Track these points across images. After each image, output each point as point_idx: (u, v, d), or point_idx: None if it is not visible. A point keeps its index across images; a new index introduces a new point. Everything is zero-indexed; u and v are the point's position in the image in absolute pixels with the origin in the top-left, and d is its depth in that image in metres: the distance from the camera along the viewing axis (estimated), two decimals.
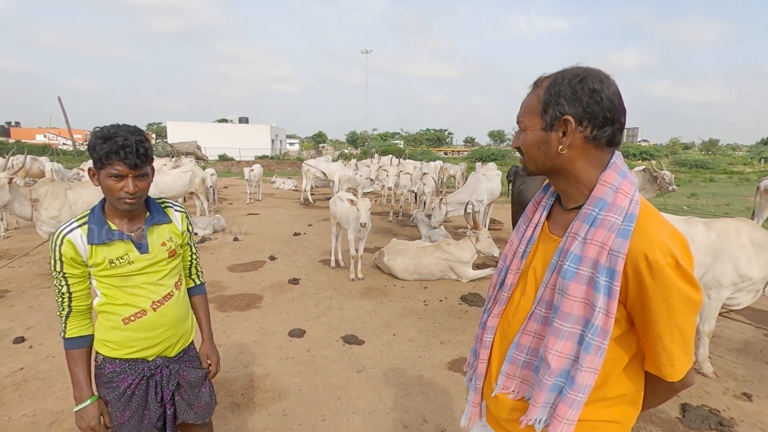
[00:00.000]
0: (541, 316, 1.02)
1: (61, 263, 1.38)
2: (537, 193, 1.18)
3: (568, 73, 0.96)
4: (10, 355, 3.31)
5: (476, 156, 32.17)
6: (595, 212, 0.94)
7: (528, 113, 1.01)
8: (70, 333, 1.43)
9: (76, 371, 1.43)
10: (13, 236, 7.28)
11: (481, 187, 7.18)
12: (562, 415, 0.96)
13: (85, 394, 1.43)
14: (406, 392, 2.93)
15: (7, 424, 2.52)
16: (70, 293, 1.41)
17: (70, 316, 1.43)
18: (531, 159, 1.04)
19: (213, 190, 10.94)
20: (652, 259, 0.87)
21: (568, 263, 0.95)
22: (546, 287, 1.01)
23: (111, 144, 1.31)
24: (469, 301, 4.67)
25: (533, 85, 1.03)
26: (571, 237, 0.97)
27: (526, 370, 1.05)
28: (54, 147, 29.19)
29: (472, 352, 1.26)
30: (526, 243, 1.11)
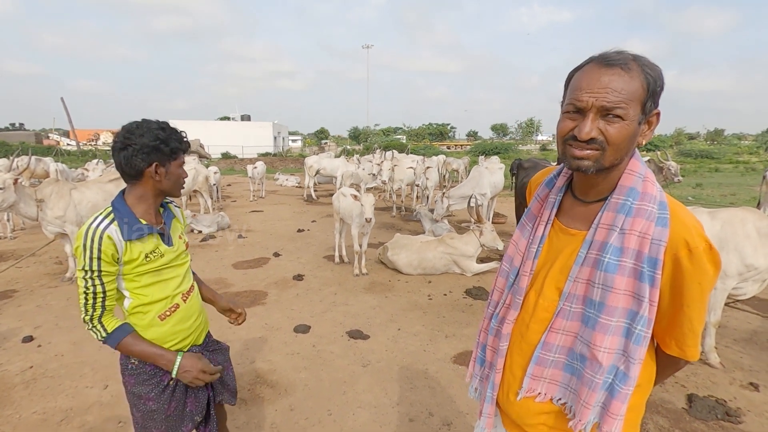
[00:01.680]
0: (572, 312, 0.98)
1: (99, 261, 1.32)
2: (539, 188, 1.12)
3: (651, 63, 0.91)
4: (19, 354, 3.35)
5: (479, 150, 32.00)
6: (629, 202, 0.92)
7: (632, 102, 0.88)
8: (110, 327, 1.39)
9: (143, 349, 1.41)
10: (19, 237, 7.34)
11: (484, 180, 7.16)
12: (615, 411, 0.94)
13: (170, 356, 1.43)
14: (411, 386, 2.94)
15: (17, 422, 2.55)
16: (105, 292, 1.36)
17: (103, 315, 1.38)
18: (616, 153, 0.91)
19: (216, 188, 10.97)
20: (693, 246, 0.88)
21: (609, 256, 0.92)
22: (575, 282, 0.97)
23: (176, 138, 1.46)
24: (473, 294, 4.67)
25: (612, 64, 0.88)
26: (603, 228, 0.94)
27: (555, 370, 1.01)
28: (58, 147, 29.30)
29: (478, 361, 1.21)
30: (537, 242, 1.06)
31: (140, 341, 1.42)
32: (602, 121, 0.89)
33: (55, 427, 2.51)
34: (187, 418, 1.55)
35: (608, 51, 0.91)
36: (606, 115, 0.89)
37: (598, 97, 0.87)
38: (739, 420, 2.58)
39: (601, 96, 0.87)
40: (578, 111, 0.91)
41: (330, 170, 12.30)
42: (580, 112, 0.91)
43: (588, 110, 0.89)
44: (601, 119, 0.89)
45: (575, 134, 0.91)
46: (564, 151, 0.96)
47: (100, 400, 2.74)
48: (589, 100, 0.88)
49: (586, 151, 0.91)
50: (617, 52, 0.90)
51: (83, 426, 2.51)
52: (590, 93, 0.88)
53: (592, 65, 0.91)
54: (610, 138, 0.89)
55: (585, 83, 0.90)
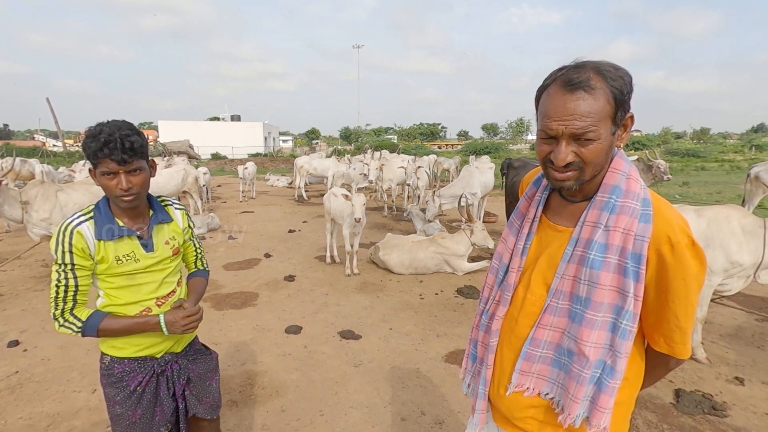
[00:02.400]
0: (559, 309, 1.00)
1: (71, 255, 1.33)
2: (528, 187, 1.15)
3: (618, 69, 0.92)
4: (4, 359, 3.29)
5: (470, 149, 32.13)
6: (613, 199, 0.95)
7: (601, 121, 0.90)
8: (84, 315, 1.38)
9: (125, 324, 1.39)
10: (4, 239, 7.21)
11: (474, 180, 7.20)
12: (603, 405, 0.96)
13: (152, 319, 1.40)
14: (403, 385, 2.94)
15: (3, 428, 2.51)
16: (77, 286, 1.36)
17: (75, 308, 1.38)
18: (595, 168, 0.94)
19: (206, 189, 10.89)
20: (675, 241, 0.90)
21: (594, 252, 0.94)
22: (562, 278, 0.99)
23: (97, 142, 1.27)
24: (464, 293, 4.69)
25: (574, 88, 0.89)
26: (588, 226, 0.97)
27: (543, 365, 1.03)
28: (44, 149, 28.85)
29: (470, 358, 1.23)
30: (525, 239, 1.08)
31: (119, 318, 1.40)
32: (575, 143, 0.92)
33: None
34: (156, 428, 1.51)
35: (569, 67, 0.92)
36: (578, 139, 0.91)
37: (567, 126, 0.90)
38: (725, 414, 2.63)
39: (569, 123, 0.89)
40: (551, 137, 0.94)
41: (321, 170, 12.27)
42: (554, 138, 0.93)
43: (560, 137, 0.92)
44: (574, 142, 0.92)
45: (552, 159, 0.94)
46: (546, 172, 0.99)
47: (88, 404, 2.70)
48: (558, 128, 0.91)
49: (566, 173, 0.94)
50: (577, 67, 0.91)
51: (71, 430, 2.47)
52: (559, 122, 0.91)
53: (556, 89, 0.92)
54: (585, 159, 0.92)
55: (552, 111, 0.92)
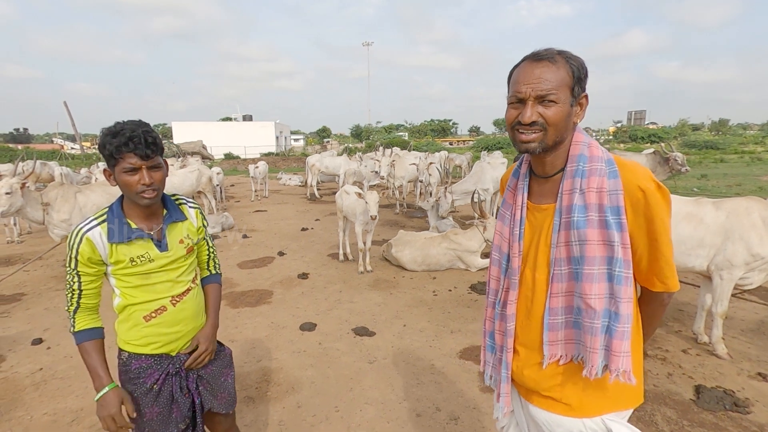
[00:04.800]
0: (563, 274, 1.09)
1: (76, 261, 1.39)
2: (509, 180, 1.26)
3: (574, 55, 1.07)
4: (29, 357, 3.38)
5: (482, 145, 31.92)
6: (581, 166, 1.07)
7: (561, 87, 1.04)
8: (79, 326, 1.43)
9: (90, 361, 1.42)
10: (26, 240, 7.41)
11: (486, 175, 7.15)
12: (617, 349, 1.03)
13: (104, 381, 1.41)
14: (418, 381, 2.95)
15: (29, 423, 2.58)
16: (81, 290, 1.42)
17: (78, 311, 1.44)
18: (556, 132, 1.06)
19: (220, 189, 11.01)
20: (645, 187, 1.03)
21: (576, 215, 1.05)
22: (557, 247, 1.09)
23: (120, 138, 1.31)
24: (478, 290, 4.67)
25: (540, 58, 1.05)
26: (566, 194, 1.08)
27: (567, 330, 1.11)
28: (62, 151, 29.50)
29: (488, 350, 1.29)
30: (518, 225, 1.18)
31: (91, 353, 1.42)
32: (540, 106, 1.04)
33: (66, 427, 2.53)
34: (173, 425, 1.54)
35: (538, 50, 1.08)
36: (542, 101, 1.04)
37: (534, 87, 1.03)
38: (747, 410, 2.57)
39: (536, 85, 1.03)
40: (520, 101, 1.06)
41: (332, 169, 12.31)
42: (522, 102, 1.06)
43: (527, 99, 1.05)
44: (539, 105, 1.04)
45: (519, 119, 1.06)
46: (513, 137, 1.11)
47: None
48: (526, 90, 1.04)
49: (531, 135, 1.06)
50: (545, 50, 1.06)
51: (93, 426, 2.53)
52: (527, 84, 1.04)
53: (526, 62, 1.07)
54: (548, 119, 1.04)
55: (522, 77, 1.06)
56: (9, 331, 3.85)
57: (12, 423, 2.58)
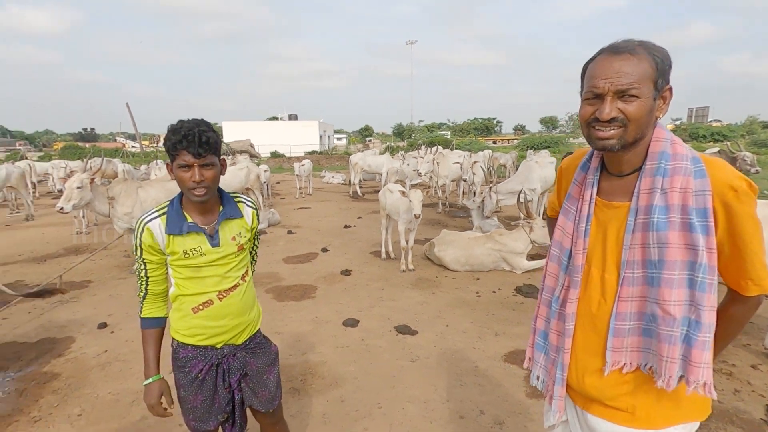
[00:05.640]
0: (635, 278, 1.03)
1: (141, 249, 1.48)
2: (575, 172, 1.18)
3: (656, 46, 1.01)
4: (95, 339, 3.65)
5: (527, 144, 30.88)
6: (662, 164, 1.00)
7: (644, 81, 0.97)
8: (144, 313, 1.54)
9: (146, 350, 1.54)
10: (92, 232, 7.99)
11: (534, 175, 6.93)
12: (697, 360, 0.97)
13: (151, 372, 1.52)
14: (460, 383, 2.91)
15: (95, 401, 2.79)
16: (147, 277, 1.51)
17: (146, 297, 1.54)
18: (638, 128, 1.00)
19: (267, 186, 11.38)
20: (737, 186, 0.96)
21: (656, 216, 0.99)
22: (630, 249, 1.03)
23: (177, 135, 1.37)
24: (524, 292, 4.54)
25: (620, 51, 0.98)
26: (644, 194, 1.01)
27: (633, 337, 1.04)
28: (124, 149, 31.60)
29: (537, 348, 1.25)
30: (585, 221, 1.12)
31: (149, 342, 1.54)
32: (620, 101, 0.98)
33: (127, 407, 2.71)
34: (213, 415, 1.59)
35: (616, 41, 1.02)
36: (622, 96, 0.97)
37: (613, 82, 0.97)
38: None
39: (615, 80, 0.97)
40: (597, 96, 1.00)
41: (375, 167, 12.40)
42: (598, 97, 1.00)
43: (605, 94, 0.98)
44: (619, 100, 0.98)
45: (597, 116, 1.00)
46: (589, 134, 1.04)
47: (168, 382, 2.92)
48: (605, 85, 0.98)
49: (609, 131, 1.00)
50: (624, 41, 1.01)
51: None
52: (605, 79, 0.98)
53: (604, 56, 1.01)
54: (629, 115, 0.98)
55: (599, 71, 1.00)
56: (77, 314, 4.17)
57: (81, 399, 2.80)
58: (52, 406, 2.73)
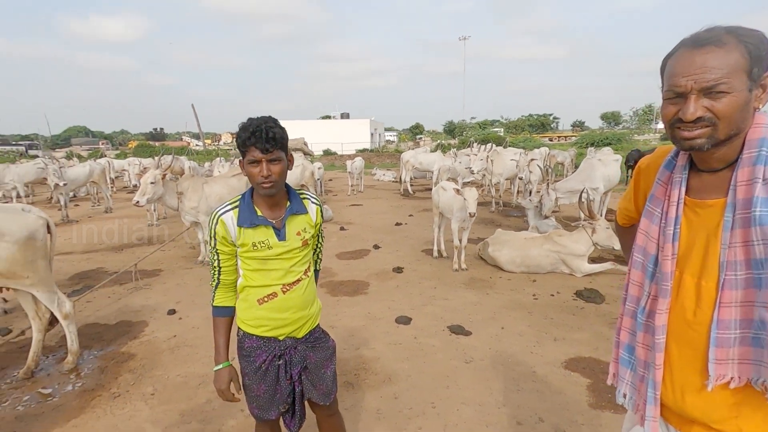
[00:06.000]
0: (738, 280, 0.92)
1: (215, 240, 1.56)
2: (659, 172, 1.08)
3: (748, 30, 0.89)
4: (165, 324, 3.92)
5: (587, 141, 29.30)
6: (763, 152, 0.90)
7: (734, 74, 0.87)
8: (216, 302, 1.62)
9: (216, 336, 1.62)
10: (162, 224, 8.59)
11: (597, 173, 6.56)
12: None
13: (221, 359, 1.60)
14: (517, 388, 2.81)
15: (166, 382, 2.99)
16: (220, 267, 1.59)
17: (218, 287, 1.61)
18: (730, 125, 0.90)
19: (320, 183, 11.67)
20: None
21: (759, 209, 0.88)
22: (730, 248, 0.93)
23: (246, 132, 1.43)
24: (585, 297, 4.31)
25: (702, 43, 0.89)
26: (742, 186, 0.91)
27: (742, 347, 0.93)
28: (189, 148, 33.70)
29: (622, 363, 1.15)
30: (673, 224, 1.01)
31: (219, 329, 1.62)
32: (706, 99, 0.89)
33: (194, 389, 2.88)
34: (275, 405, 1.64)
35: (698, 32, 0.91)
36: (709, 93, 0.88)
37: (697, 79, 0.88)
38: None
39: (699, 77, 0.88)
40: (679, 95, 0.91)
41: (426, 165, 12.31)
42: (681, 96, 0.91)
43: (688, 93, 0.90)
44: (705, 97, 0.89)
45: (680, 117, 0.91)
46: (673, 135, 0.95)
47: None
48: (687, 84, 0.89)
49: (696, 131, 0.91)
50: (707, 30, 0.90)
51: (215, 392, 2.83)
52: (687, 77, 0.89)
53: (684, 50, 0.92)
54: (719, 113, 0.88)
55: (679, 68, 0.91)
56: (150, 300, 4.49)
57: (153, 380, 3.01)
58: (129, 384, 2.96)
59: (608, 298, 4.29)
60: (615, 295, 4.35)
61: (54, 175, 9.07)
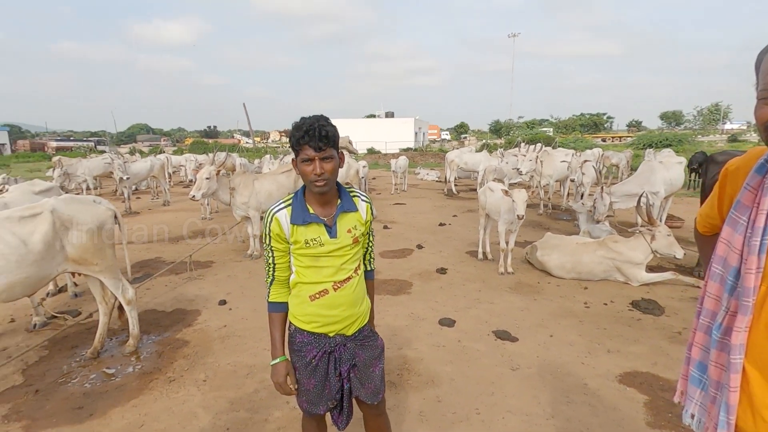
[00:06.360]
0: None
1: (269, 237, 1.58)
2: (748, 177, 0.99)
3: None
4: (216, 314, 4.09)
5: (644, 142, 27.61)
6: None
7: None
8: (271, 298, 1.65)
9: (272, 331, 1.65)
10: (215, 218, 8.99)
11: (657, 176, 6.15)
12: None
13: (278, 353, 1.63)
14: (567, 400, 2.69)
15: (217, 369, 3.11)
16: (274, 264, 1.62)
17: (273, 283, 1.65)
18: None
19: (364, 181, 11.75)
20: None
21: None
22: None
23: (300, 131, 1.45)
24: (642, 308, 4.05)
25: None
26: None
27: None
28: (239, 145, 35.14)
29: (692, 382, 1.07)
30: (761, 234, 0.93)
31: (275, 324, 1.65)
32: None
33: (243, 379, 2.98)
34: (324, 401, 1.65)
35: None
36: None
37: None
38: None
39: None
40: None
41: (471, 165, 12.10)
42: None
43: None
44: None
45: None
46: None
47: None
48: None
49: None
50: None
51: (262, 382, 2.93)
52: None
53: None
54: None
55: None
56: (203, 291, 4.71)
57: (205, 367, 3.15)
58: (183, 369, 3.12)
59: (668, 311, 4.01)
60: (676, 308, 4.07)
61: (119, 170, 9.74)
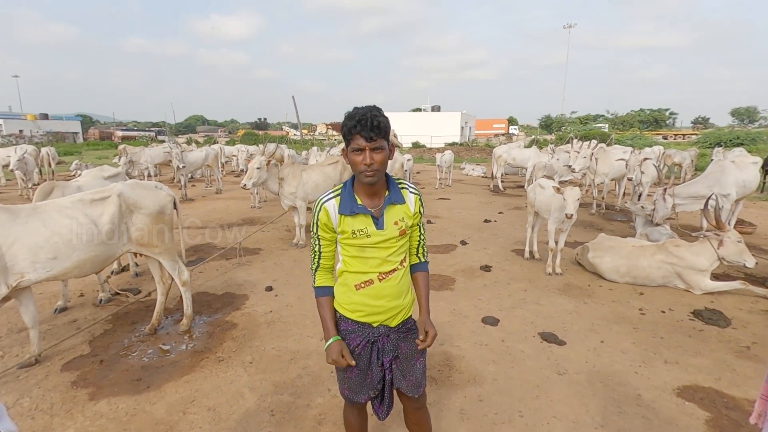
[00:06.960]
0: None
1: (317, 226, 1.62)
2: None
3: None
4: (263, 300, 4.23)
5: (711, 140, 25.53)
6: None
7: None
8: (317, 283, 1.69)
9: (322, 313, 1.67)
10: (263, 207, 9.30)
11: (728, 178, 5.66)
12: None
13: (330, 334, 1.64)
14: (619, 410, 2.55)
15: (263, 353, 3.22)
16: (320, 252, 1.65)
17: (318, 270, 1.68)
18: None
19: (408, 175, 11.71)
20: None
21: None
22: None
23: (352, 121, 1.46)
24: (705, 318, 3.76)
25: None
26: None
27: None
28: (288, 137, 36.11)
29: None
30: None
31: (324, 307, 1.66)
32: None
33: (287, 363, 3.07)
34: (365, 389, 1.67)
35: None
36: None
37: None
38: None
39: None
40: None
41: (520, 161, 11.72)
42: None
43: None
44: None
45: None
46: None
47: (318, 349, 3.23)
48: None
49: None
50: None
51: (305, 368, 3.00)
52: None
53: None
54: None
55: None
56: (251, 276, 4.89)
57: (252, 350, 3.26)
58: (231, 350, 3.25)
59: (735, 323, 3.70)
60: (745, 320, 3.74)
61: (176, 158, 10.29)
